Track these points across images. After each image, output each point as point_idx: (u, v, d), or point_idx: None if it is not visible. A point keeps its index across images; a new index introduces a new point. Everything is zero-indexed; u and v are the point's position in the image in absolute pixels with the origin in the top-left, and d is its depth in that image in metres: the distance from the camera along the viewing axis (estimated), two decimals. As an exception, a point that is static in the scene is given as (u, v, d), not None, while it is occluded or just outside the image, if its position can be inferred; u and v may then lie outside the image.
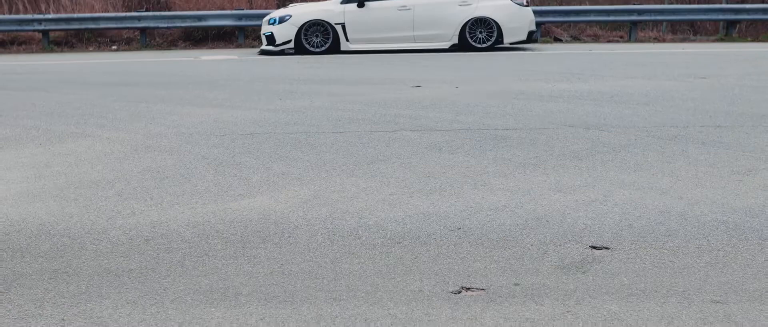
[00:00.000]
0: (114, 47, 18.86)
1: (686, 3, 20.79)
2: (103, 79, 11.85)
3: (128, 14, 18.86)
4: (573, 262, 3.81)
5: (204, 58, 15.73)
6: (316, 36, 15.77)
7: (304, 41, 15.75)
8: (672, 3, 20.66)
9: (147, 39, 18.95)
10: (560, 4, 20.70)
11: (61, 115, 8.18)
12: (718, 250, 3.97)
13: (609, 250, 3.97)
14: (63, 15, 18.88)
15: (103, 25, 18.63)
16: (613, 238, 4.16)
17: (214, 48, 18.36)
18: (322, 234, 4.27)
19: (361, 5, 15.78)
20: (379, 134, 6.88)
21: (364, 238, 4.20)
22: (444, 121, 7.48)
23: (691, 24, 20.45)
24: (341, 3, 15.88)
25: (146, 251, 4.03)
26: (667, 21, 19.82)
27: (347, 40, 15.82)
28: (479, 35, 15.84)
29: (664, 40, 19.11)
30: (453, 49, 15.85)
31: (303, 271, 3.74)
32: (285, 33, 15.82)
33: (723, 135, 6.69)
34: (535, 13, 16.80)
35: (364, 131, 7.02)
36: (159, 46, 18.79)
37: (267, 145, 6.48)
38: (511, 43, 16.05)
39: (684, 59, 13.91)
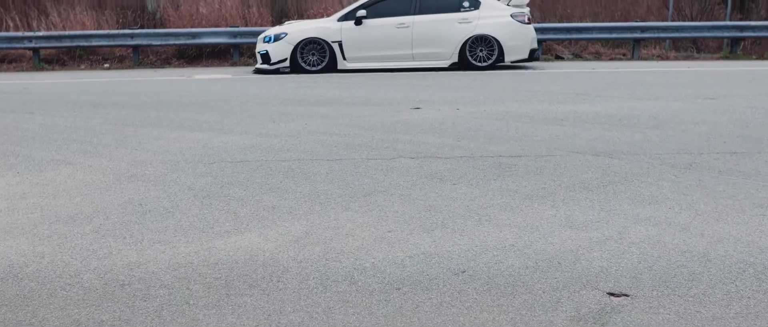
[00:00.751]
0: (106, 65, 18.50)
1: (689, 20, 20.48)
2: (91, 99, 11.50)
3: (120, 31, 18.48)
4: (590, 313, 3.45)
5: (197, 76, 15.39)
6: (313, 54, 15.43)
7: (300, 60, 15.41)
8: (675, 20, 20.33)
9: (140, 57, 18.61)
10: (561, 21, 20.37)
11: (43, 140, 7.82)
12: (749, 297, 3.61)
13: (628, 298, 3.61)
14: (54, 32, 18.52)
15: (94, 42, 18.27)
16: (631, 282, 3.80)
17: (208, 66, 18.03)
18: (314, 278, 3.91)
19: (358, 23, 15.41)
20: (377, 162, 6.52)
21: (359, 283, 3.84)
22: (445, 146, 7.12)
23: (694, 40, 20.12)
24: (338, 20, 15.54)
25: (121, 298, 3.67)
26: (671, 38, 19.47)
27: (344, 58, 15.47)
28: (480, 53, 15.47)
29: (667, 58, 18.78)
30: (453, 67, 15.50)
31: (292, 323, 3.38)
32: (280, 51, 15.47)
33: (740, 162, 6.33)
34: (537, 30, 16.43)
35: (360, 158, 6.66)
36: (152, 64, 18.46)
37: (258, 175, 6.12)
38: (512, 62, 15.66)
39: (690, 78, 13.59)
